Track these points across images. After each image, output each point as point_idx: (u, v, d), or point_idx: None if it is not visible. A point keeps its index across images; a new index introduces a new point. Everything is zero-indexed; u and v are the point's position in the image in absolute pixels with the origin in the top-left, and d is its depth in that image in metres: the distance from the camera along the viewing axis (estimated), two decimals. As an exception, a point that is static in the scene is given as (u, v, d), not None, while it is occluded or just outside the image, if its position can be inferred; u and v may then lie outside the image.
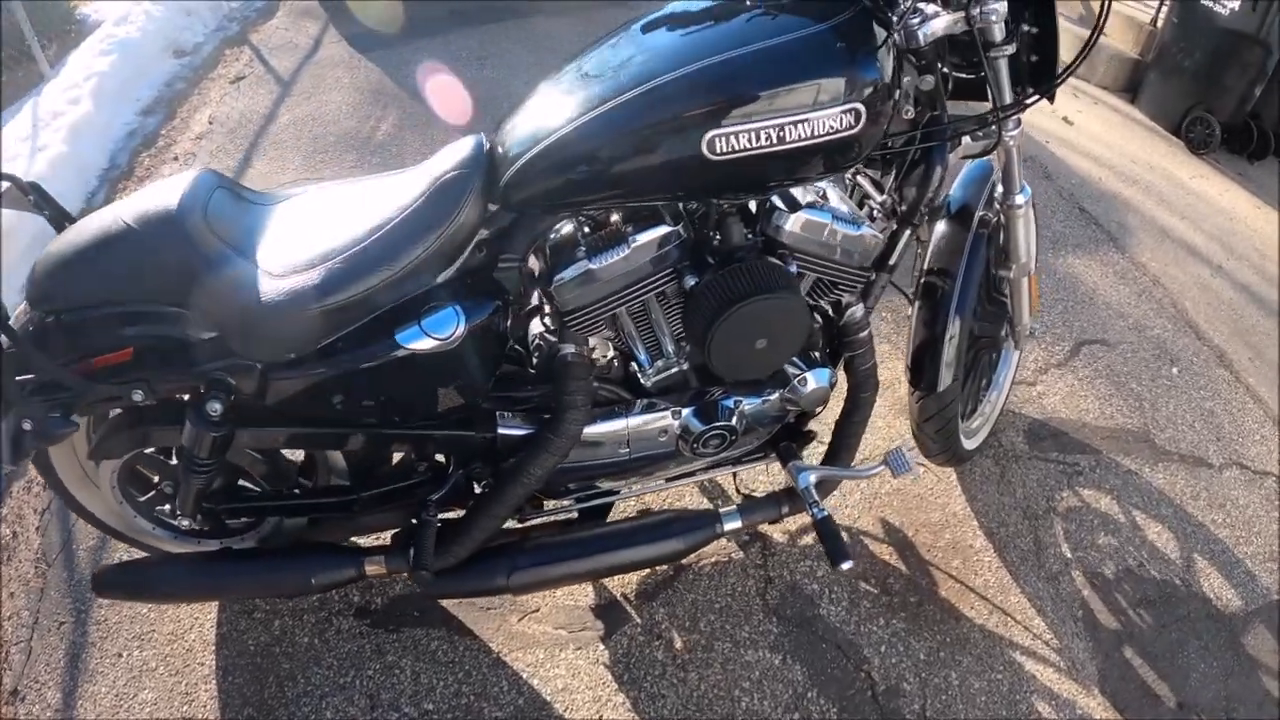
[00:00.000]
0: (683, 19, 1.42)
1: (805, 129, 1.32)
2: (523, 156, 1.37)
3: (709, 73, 1.31)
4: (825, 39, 1.33)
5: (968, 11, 1.46)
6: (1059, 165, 4.09)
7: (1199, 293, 3.28)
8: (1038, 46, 1.62)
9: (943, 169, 1.58)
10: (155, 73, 5.09)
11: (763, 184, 1.44)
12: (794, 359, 1.66)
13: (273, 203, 1.52)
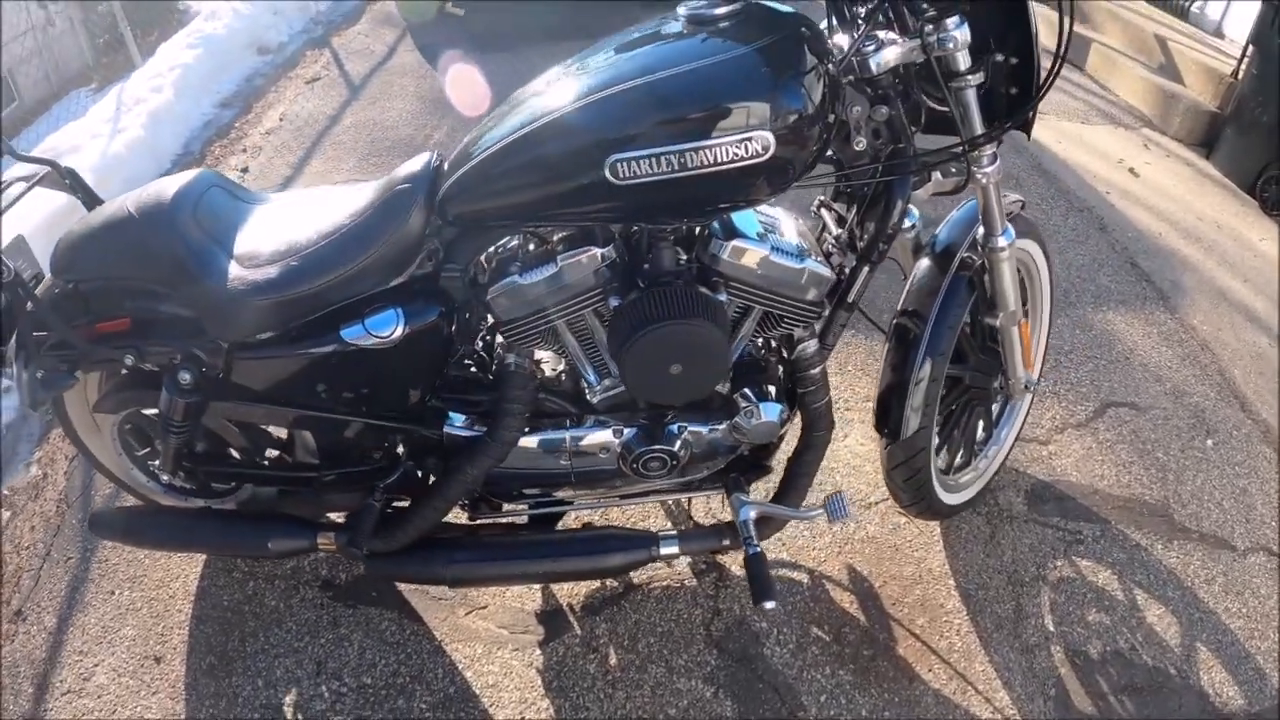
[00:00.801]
0: (629, 44, 1.44)
1: (707, 156, 1.31)
2: (454, 175, 1.45)
3: (615, 99, 1.34)
4: (738, 65, 1.33)
5: (923, 40, 1.44)
6: (1116, 217, 3.95)
7: (1251, 362, 3.12)
8: (1017, 77, 1.57)
9: (903, 203, 1.56)
10: (238, 68, 5.36)
11: (674, 211, 1.43)
12: (747, 391, 1.65)
13: (259, 203, 1.71)
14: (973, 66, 1.50)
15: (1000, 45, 1.55)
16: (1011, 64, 1.56)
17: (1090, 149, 4.69)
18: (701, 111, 1.31)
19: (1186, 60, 5.33)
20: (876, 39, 1.46)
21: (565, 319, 1.52)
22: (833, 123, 1.42)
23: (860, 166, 1.52)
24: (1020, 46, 1.54)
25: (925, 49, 1.45)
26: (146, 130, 4.18)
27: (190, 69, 4.87)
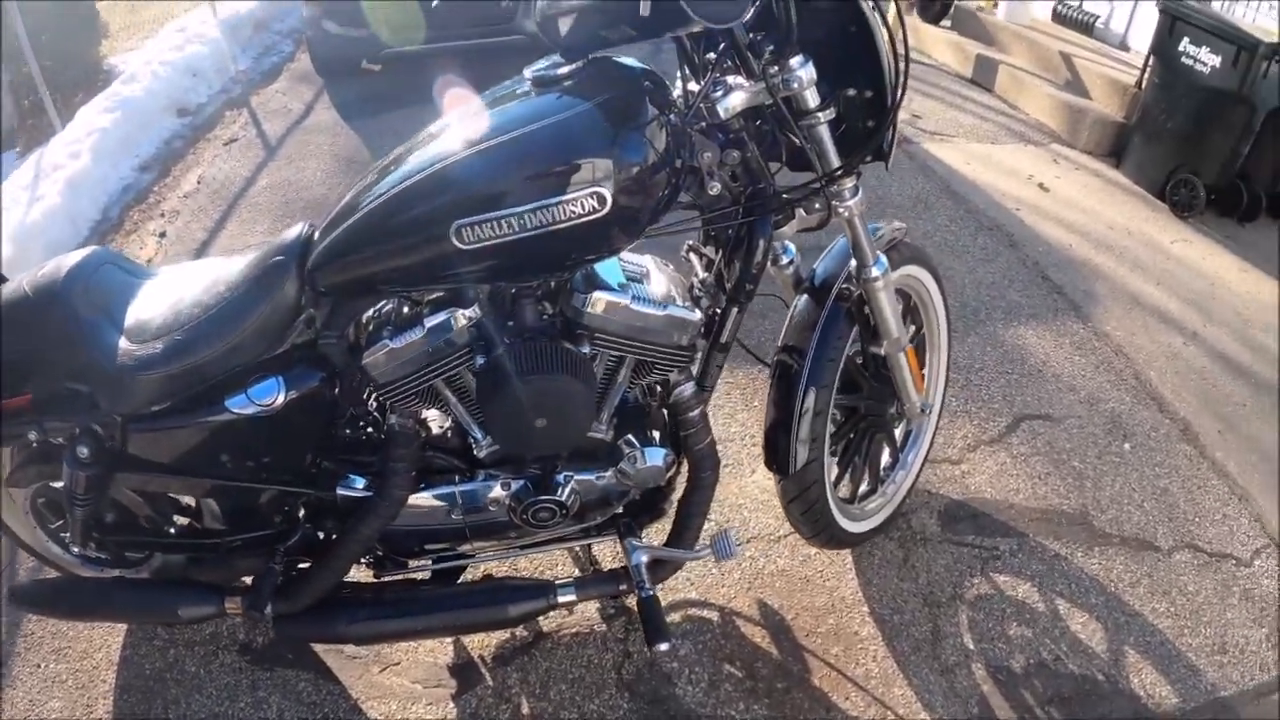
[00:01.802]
0: (478, 109, 1.47)
1: (546, 216, 1.34)
2: (320, 246, 1.49)
3: (456, 165, 1.37)
4: (574, 123, 1.36)
5: (768, 82, 1.46)
6: (1026, 233, 4.03)
7: (1167, 362, 3.19)
8: (872, 109, 1.59)
9: (765, 242, 1.57)
10: (156, 130, 5.34)
11: (527, 270, 1.46)
12: (630, 437, 1.67)
13: (149, 277, 1.75)
14: (823, 103, 1.53)
15: (852, 79, 1.57)
16: (866, 96, 1.58)
17: (999, 168, 4.79)
18: (537, 172, 1.34)
19: (1092, 75, 5.49)
20: (724, 84, 1.48)
21: (440, 378, 1.54)
22: (680, 170, 1.45)
23: (720, 210, 1.54)
24: (873, 78, 1.56)
25: (771, 91, 1.47)
26: (64, 198, 4.15)
27: (108, 133, 4.85)
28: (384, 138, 4.88)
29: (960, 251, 3.79)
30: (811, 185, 1.58)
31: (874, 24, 1.53)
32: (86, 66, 6.65)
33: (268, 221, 3.99)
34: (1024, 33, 6.31)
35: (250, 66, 6.78)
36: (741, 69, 1.50)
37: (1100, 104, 5.29)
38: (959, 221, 4.07)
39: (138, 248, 3.92)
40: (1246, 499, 2.61)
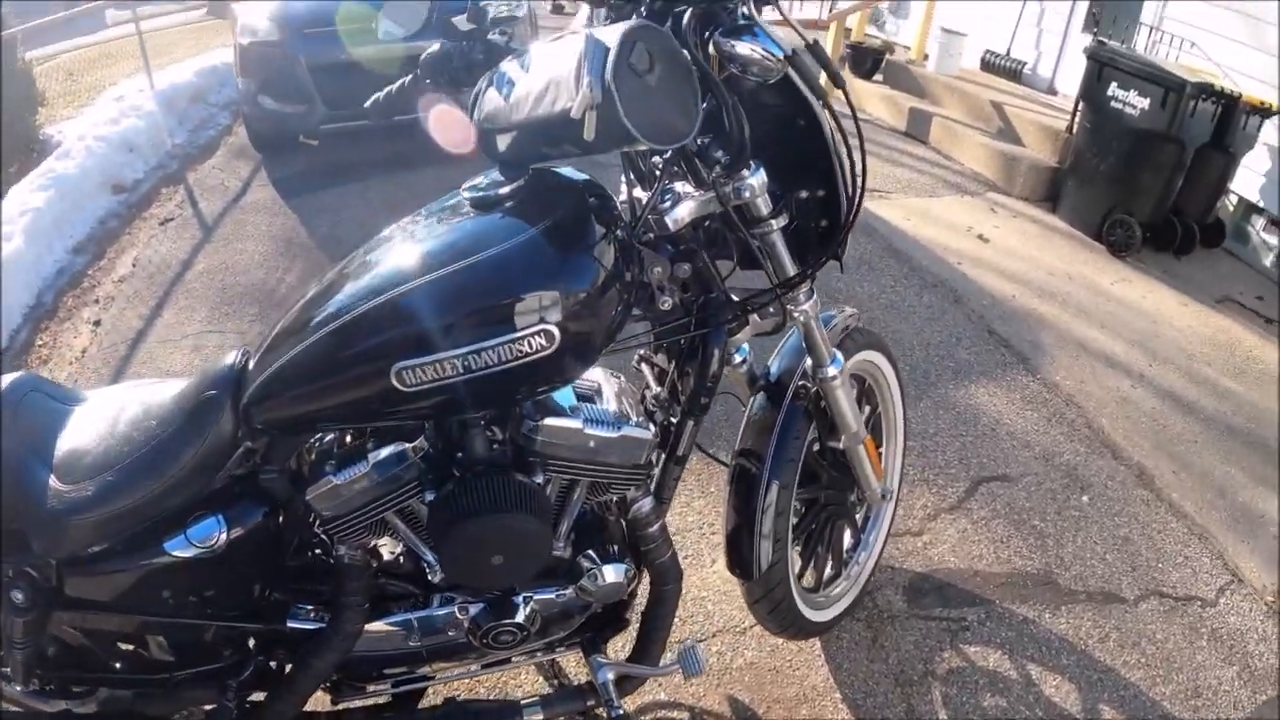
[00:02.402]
0: (414, 234, 1.41)
1: (491, 356, 1.28)
2: (255, 382, 1.42)
3: (394, 302, 1.30)
4: (517, 255, 1.29)
5: (718, 191, 1.42)
6: (969, 287, 4.09)
7: (1117, 407, 3.24)
8: (825, 209, 1.56)
9: (720, 352, 1.53)
10: (91, 209, 5.18)
11: (473, 407, 1.40)
12: (590, 553, 1.61)
13: (77, 403, 1.66)
14: (775, 210, 1.50)
15: (803, 179, 1.54)
16: (818, 196, 1.55)
17: (939, 222, 4.87)
18: (479, 311, 1.29)
19: (1023, 122, 5.63)
20: (673, 193, 1.45)
21: (389, 511, 1.48)
22: (630, 286, 1.40)
23: (673, 323, 1.50)
24: (824, 176, 1.54)
25: (722, 200, 1.44)
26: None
27: (42, 213, 4.68)
28: (322, 216, 4.85)
29: (907, 313, 3.83)
30: (766, 295, 1.54)
31: (822, 120, 1.50)
32: (23, 136, 6.51)
33: (205, 310, 3.89)
34: (954, 83, 6.47)
35: (186, 140, 6.68)
36: (690, 176, 1.46)
37: (1033, 150, 5.42)
38: (903, 281, 4.11)
39: (72, 336, 3.81)
40: (1206, 537, 2.64)
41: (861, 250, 4.38)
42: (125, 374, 3.43)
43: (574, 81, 1.18)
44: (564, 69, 1.21)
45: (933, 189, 5.40)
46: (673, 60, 1.24)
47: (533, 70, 1.29)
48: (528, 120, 1.27)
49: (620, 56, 1.16)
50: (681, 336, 1.53)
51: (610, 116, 1.15)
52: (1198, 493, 2.81)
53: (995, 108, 5.89)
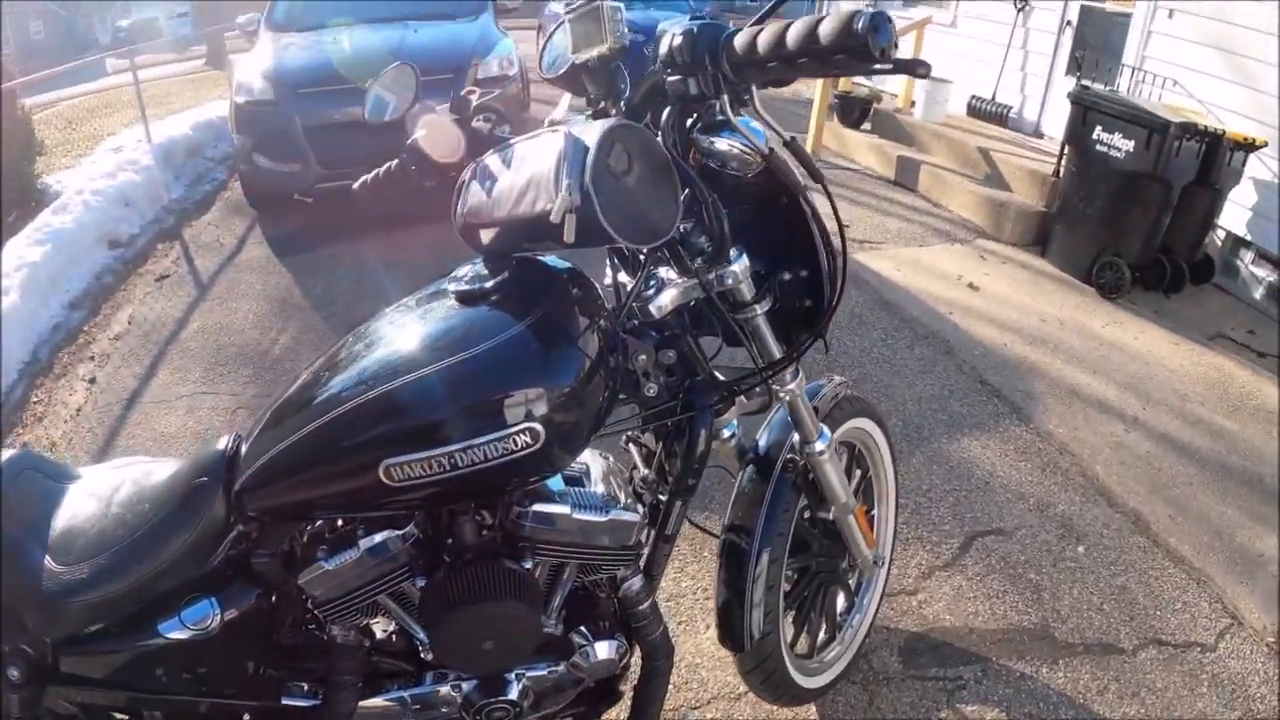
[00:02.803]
0: (403, 327, 1.43)
1: (478, 454, 1.28)
2: (246, 471, 1.43)
3: (380, 399, 1.31)
4: (504, 353, 1.30)
5: (701, 279, 1.44)
6: (961, 337, 4.10)
7: (1112, 453, 3.24)
8: (809, 288, 1.56)
9: (707, 433, 1.54)
10: (87, 264, 5.22)
11: (462, 499, 1.42)
12: (582, 629, 1.62)
13: (71, 480, 1.67)
14: (759, 294, 1.51)
15: (787, 261, 1.55)
16: (802, 276, 1.55)
17: (929, 271, 4.90)
18: (466, 409, 1.30)
19: (1010, 167, 5.68)
20: (657, 279, 1.46)
21: (381, 595, 1.49)
22: (615, 375, 1.42)
23: (659, 407, 1.51)
24: (807, 255, 1.53)
25: (705, 288, 1.45)
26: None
27: (38, 267, 4.73)
28: (316, 275, 4.89)
29: (899, 366, 3.84)
30: (751, 378, 1.55)
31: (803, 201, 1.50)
32: (21, 185, 6.57)
33: (199, 370, 3.91)
34: (941, 130, 6.54)
35: (183, 195, 6.75)
36: (673, 263, 1.47)
37: (1021, 195, 5.47)
38: (894, 334, 4.13)
39: (67, 393, 3.83)
40: (1205, 581, 2.64)
41: (852, 303, 4.41)
42: (120, 434, 3.44)
43: (553, 183, 1.20)
44: (544, 168, 1.23)
45: (922, 238, 5.44)
46: (651, 158, 1.25)
47: (514, 167, 1.32)
48: (510, 218, 1.30)
49: (599, 159, 1.18)
50: (668, 420, 1.54)
51: (589, 219, 1.17)
52: (1195, 536, 2.81)
53: (982, 154, 5.96)
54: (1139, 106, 4.53)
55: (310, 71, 5.43)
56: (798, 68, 1.13)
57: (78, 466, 1.74)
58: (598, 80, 1.42)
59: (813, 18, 1.08)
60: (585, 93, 1.46)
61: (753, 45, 1.15)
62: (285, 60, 5.57)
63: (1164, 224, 4.51)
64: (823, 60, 1.08)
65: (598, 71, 1.40)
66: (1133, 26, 5.83)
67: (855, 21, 1.02)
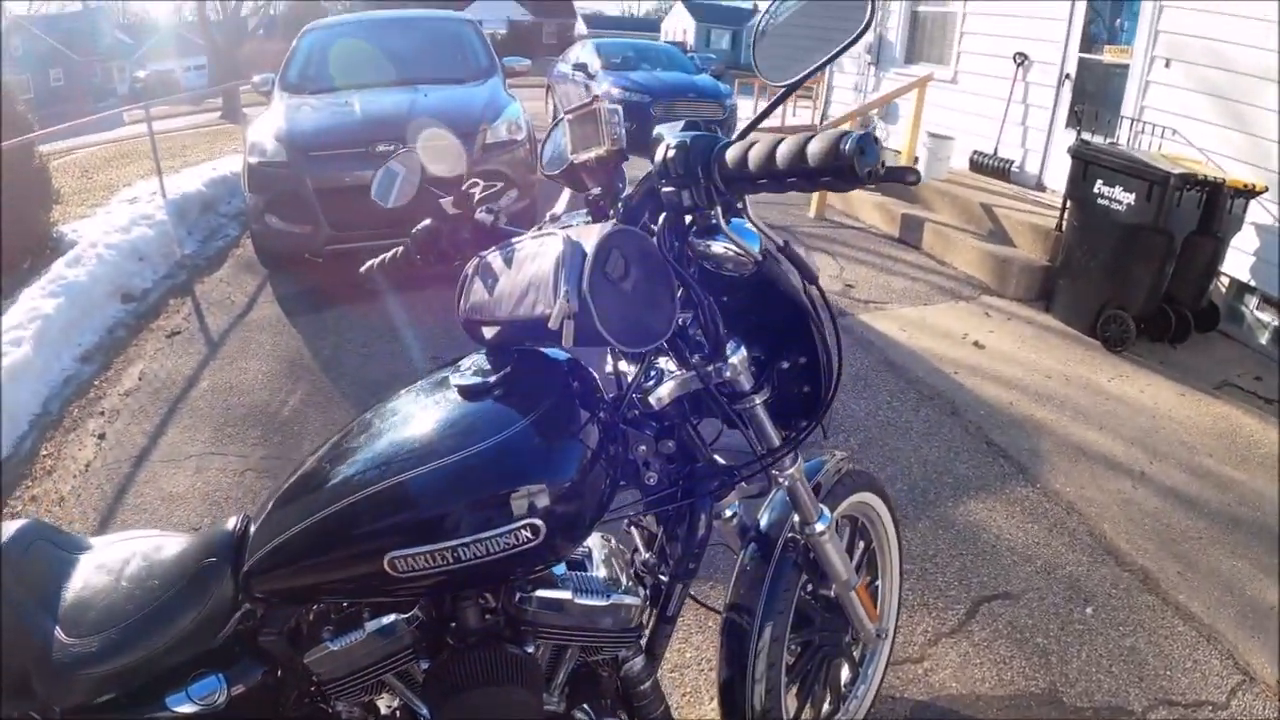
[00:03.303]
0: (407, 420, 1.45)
1: (480, 548, 1.31)
2: (255, 555, 1.46)
3: (384, 492, 1.35)
4: (504, 450, 1.33)
5: (699, 371, 1.46)
6: (966, 397, 4.11)
7: (1119, 510, 3.24)
8: (808, 374, 1.57)
9: (707, 518, 1.56)
10: (100, 317, 5.28)
11: (464, 588, 1.44)
12: (585, 706, 1.62)
13: (82, 551, 1.70)
14: (757, 384, 1.53)
15: (785, 349, 1.57)
16: (800, 363, 1.57)
17: (934, 331, 4.92)
18: (468, 506, 1.32)
19: (1013, 222, 5.72)
20: (656, 370, 1.49)
21: (385, 674, 1.51)
22: (616, 465, 1.44)
23: (660, 494, 1.53)
24: (806, 345, 1.55)
25: (703, 380, 1.47)
26: (4, 389, 4.03)
27: (51, 320, 4.77)
28: (325, 337, 4.92)
29: (903, 429, 3.84)
30: (751, 466, 1.56)
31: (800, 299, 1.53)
32: (37, 233, 6.68)
33: (208, 430, 3.94)
34: (945, 187, 6.60)
35: (196, 251, 6.83)
36: (671, 354, 1.50)
37: (1025, 250, 5.50)
38: (899, 396, 4.14)
39: (76, 448, 3.85)
40: (1215, 638, 2.62)
41: (858, 366, 4.42)
42: (128, 493, 3.45)
43: (551, 289, 1.23)
44: (543, 272, 1.27)
45: (927, 296, 5.47)
46: (648, 263, 1.29)
47: (514, 267, 1.35)
48: (510, 319, 1.34)
49: (595, 266, 1.21)
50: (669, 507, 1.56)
51: (587, 325, 1.21)
52: (1205, 591, 2.80)
53: (985, 209, 6.00)
54: (1138, 159, 4.58)
55: (322, 134, 5.51)
56: (788, 185, 1.15)
57: (88, 536, 1.76)
58: (596, 179, 1.46)
59: (803, 136, 1.10)
60: (585, 188, 1.50)
61: (744, 161, 1.17)
62: (297, 122, 5.65)
63: (1167, 274, 4.55)
64: (811, 179, 1.10)
65: (596, 171, 1.44)
66: (1130, 77, 5.91)
67: (842, 143, 1.04)
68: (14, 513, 3.41)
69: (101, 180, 9.39)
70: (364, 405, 4.03)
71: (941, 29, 8.20)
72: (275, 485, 1.59)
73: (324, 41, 7.00)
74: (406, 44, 7.00)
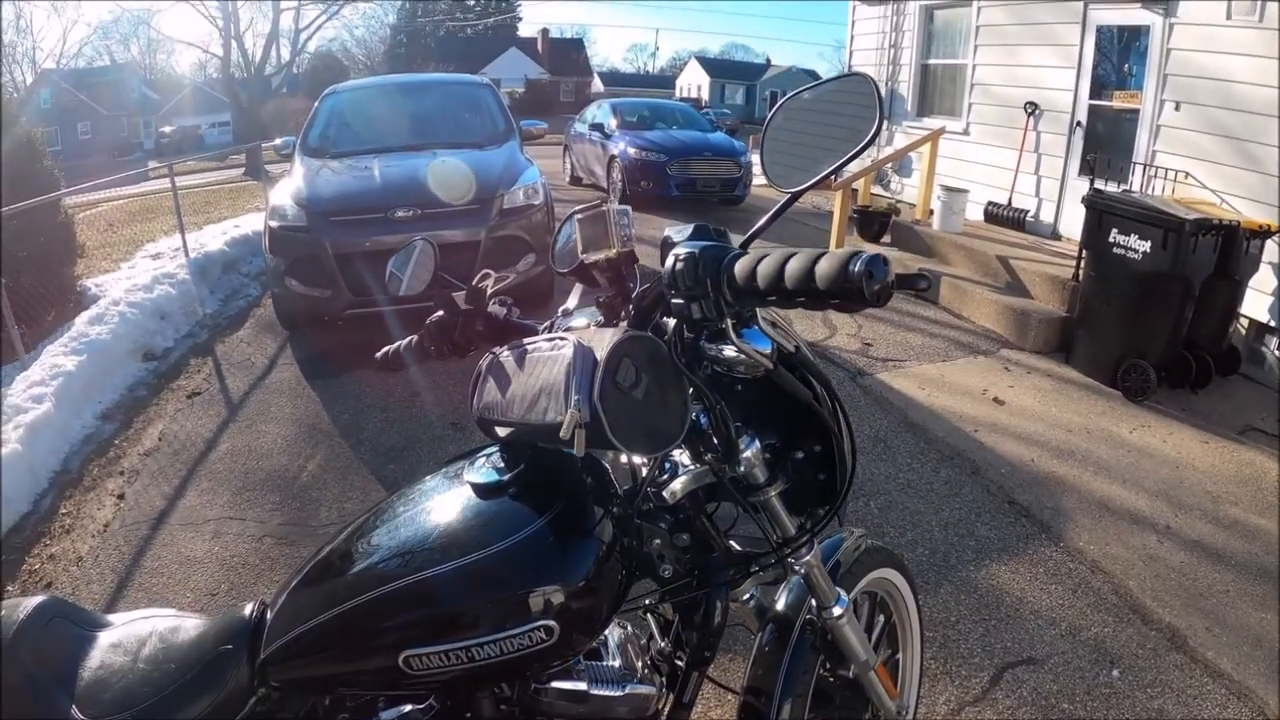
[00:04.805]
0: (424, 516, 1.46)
1: (494, 649, 1.31)
2: (271, 645, 1.46)
3: (398, 591, 1.35)
4: (517, 552, 1.33)
5: (712, 467, 1.45)
6: (987, 456, 4.06)
7: (1145, 566, 3.19)
8: (824, 462, 1.56)
9: (723, 606, 1.54)
10: (121, 375, 5.34)
11: (479, 685, 1.43)
12: None
13: (101, 629, 1.71)
14: (772, 476, 1.52)
15: (800, 438, 1.56)
16: (815, 451, 1.55)
17: (954, 389, 4.89)
18: (483, 608, 1.33)
19: (1030, 274, 5.72)
20: (671, 463, 1.48)
21: None
22: (630, 560, 1.43)
23: (675, 584, 1.52)
24: (822, 434, 1.54)
25: (717, 475, 1.46)
26: (25, 445, 4.09)
27: (73, 377, 4.82)
28: (344, 402, 4.93)
29: (924, 491, 3.80)
30: (767, 557, 1.55)
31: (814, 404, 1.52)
32: (61, 286, 6.78)
33: (227, 494, 3.95)
34: (960, 240, 6.62)
35: (217, 310, 6.91)
36: (685, 448, 1.49)
37: (1042, 301, 5.48)
38: (919, 457, 4.10)
39: (95, 507, 3.87)
40: (1245, 695, 2.56)
41: (877, 427, 4.39)
42: (146, 555, 3.46)
43: (563, 396, 1.24)
44: (554, 378, 1.28)
45: (946, 352, 5.45)
46: (659, 368, 1.30)
47: (526, 370, 1.37)
48: (522, 423, 1.34)
49: (606, 375, 1.22)
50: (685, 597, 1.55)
51: (597, 434, 1.21)
52: (1234, 647, 2.74)
53: (1002, 262, 6.00)
54: (1152, 206, 4.57)
55: (341, 199, 5.59)
56: (796, 304, 1.14)
57: (106, 615, 1.76)
58: (607, 278, 1.48)
59: (813, 253, 1.10)
60: (596, 285, 1.51)
61: (752, 276, 1.17)
62: (317, 186, 5.74)
63: (1186, 320, 4.53)
64: (820, 301, 1.10)
65: (607, 270, 1.46)
66: (1140, 122, 5.94)
67: (851, 265, 1.04)
68: (33, 570, 3.43)
69: (126, 235, 9.53)
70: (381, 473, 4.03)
71: (952, 81, 8.28)
72: (292, 571, 1.60)
73: (344, 105, 7.15)
74: (425, 107, 7.14)
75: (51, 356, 5.04)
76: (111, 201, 11.45)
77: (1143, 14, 5.99)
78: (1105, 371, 4.82)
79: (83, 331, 5.47)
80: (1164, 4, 5.75)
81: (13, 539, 3.66)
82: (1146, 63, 5.98)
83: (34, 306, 6.20)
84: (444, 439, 4.36)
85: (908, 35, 8.96)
